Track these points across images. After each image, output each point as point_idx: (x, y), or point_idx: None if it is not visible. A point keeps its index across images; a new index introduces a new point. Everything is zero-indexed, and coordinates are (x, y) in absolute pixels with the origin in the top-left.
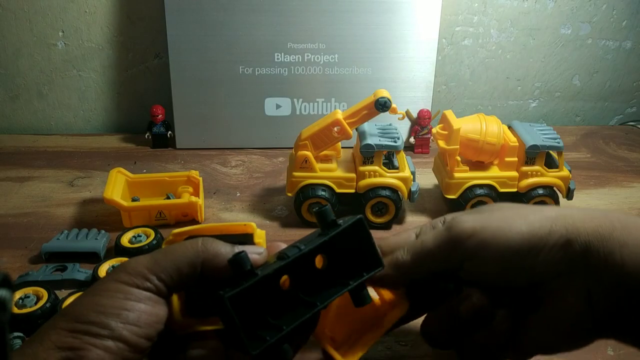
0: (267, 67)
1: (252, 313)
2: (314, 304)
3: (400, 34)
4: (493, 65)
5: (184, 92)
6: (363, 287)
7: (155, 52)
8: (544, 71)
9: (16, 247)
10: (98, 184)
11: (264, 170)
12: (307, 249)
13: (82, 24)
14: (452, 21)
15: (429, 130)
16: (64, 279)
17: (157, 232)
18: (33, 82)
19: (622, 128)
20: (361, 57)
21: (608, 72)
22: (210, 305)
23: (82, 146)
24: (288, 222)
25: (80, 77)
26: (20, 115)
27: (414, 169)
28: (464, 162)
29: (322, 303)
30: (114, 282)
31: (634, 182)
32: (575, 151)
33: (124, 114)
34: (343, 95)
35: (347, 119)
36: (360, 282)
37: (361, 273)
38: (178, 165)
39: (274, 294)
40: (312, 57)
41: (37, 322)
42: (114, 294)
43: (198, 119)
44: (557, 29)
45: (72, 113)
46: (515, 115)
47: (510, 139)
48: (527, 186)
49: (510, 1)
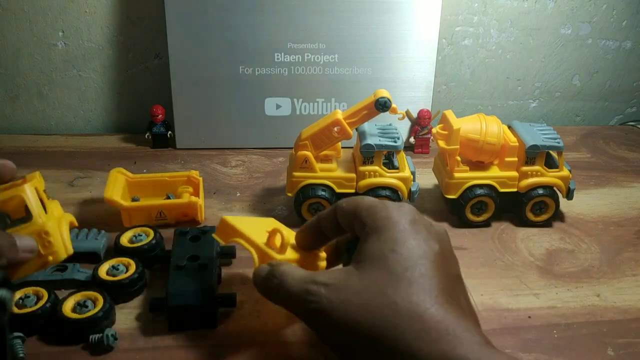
0: (267, 67)
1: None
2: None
3: (400, 34)
4: (493, 65)
5: (184, 92)
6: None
7: (155, 52)
8: (544, 71)
9: None
10: (98, 184)
11: (264, 170)
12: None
13: (82, 24)
14: (452, 21)
15: (429, 130)
16: (64, 279)
17: (156, 232)
18: (33, 82)
19: (622, 128)
20: (361, 57)
21: (608, 72)
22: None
23: (82, 146)
24: (288, 222)
25: (80, 77)
26: (20, 115)
27: (414, 169)
28: (464, 162)
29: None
30: None
31: (634, 182)
32: (575, 151)
33: (124, 114)
34: (343, 95)
35: (347, 119)
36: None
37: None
38: (178, 165)
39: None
40: (312, 57)
41: (37, 322)
42: None
43: (198, 119)
44: (557, 29)
45: (72, 113)
46: (515, 115)
47: (510, 139)
48: (527, 186)
49: (510, 1)
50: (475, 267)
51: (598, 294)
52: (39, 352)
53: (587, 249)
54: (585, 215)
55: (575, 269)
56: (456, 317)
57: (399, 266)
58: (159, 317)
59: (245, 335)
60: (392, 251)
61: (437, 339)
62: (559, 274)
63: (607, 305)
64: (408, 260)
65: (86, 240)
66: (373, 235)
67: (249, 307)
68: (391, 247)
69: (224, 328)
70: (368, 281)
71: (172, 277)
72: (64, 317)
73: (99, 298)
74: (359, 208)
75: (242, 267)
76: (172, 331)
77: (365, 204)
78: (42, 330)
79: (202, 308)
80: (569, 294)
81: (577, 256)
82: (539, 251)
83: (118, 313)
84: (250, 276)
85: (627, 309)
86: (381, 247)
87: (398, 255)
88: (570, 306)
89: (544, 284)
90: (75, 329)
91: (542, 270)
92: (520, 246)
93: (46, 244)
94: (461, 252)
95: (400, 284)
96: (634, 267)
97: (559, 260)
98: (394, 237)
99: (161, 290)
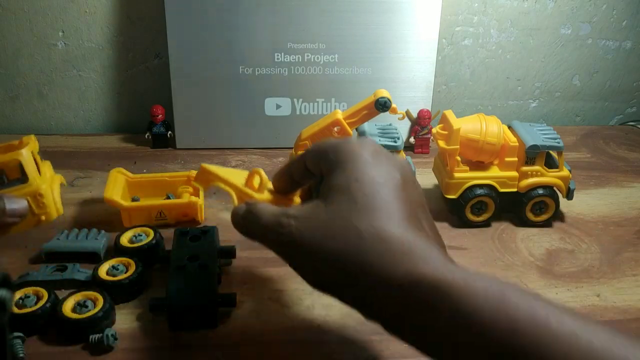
0: (267, 67)
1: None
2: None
3: (400, 34)
4: (493, 65)
5: (184, 92)
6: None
7: (155, 52)
8: (544, 71)
9: (16, 247)
10: (98, 184)
11: (264, 170)
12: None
13: (82, 24)
14: (452, 21)
15: (429, 130)
16: (64, 279)
17: (156, 232)
18: (33, 82)
19: (622, 128)
20: (361, 57)
21: (608, 72)
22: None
23: (82, 146)
24: None
25: (80, 77)
26: (20, 115)
27: (414, 169)
28: (464, 162)
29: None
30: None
31: (634, 182)
32: (575, 151)
33: (124, 114)
34: (343, 95)
35: (347, 119)
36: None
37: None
38: (178, 165)
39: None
40: (312, 57)
41: (37, 322)
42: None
43: (198, 119)
44: (557, 29)
45: (72, 113)
46: (515, 115)
47: (510, 139)
48: (527, 186)
49: (510, 1)
50: (476, 267)
51: (598, 294)
52: (39, 352)
53: (587, 249)
54: (585, 215)
55: (575, 269)
56: (419, 238)
57: (362, 194)
58: (159, 317)
59: (245, 335)
60: (355, 181)
61: (400, 259)
62: (559, 274)
63: (607, 305)
64: (370, 188)
65: (86, 240)
66: (337, 169)
67: (249, 307)
68: (354, 177)
69: (224, 328)
70: (333, 211)
71: (172, 277)
72: (64, 317)
73: (99, 298)
74: (324, 147)
75: (242, 267)
76: (172, 331)
77: (330, 143)
78: (42, 330)
79: (202, 308)
80: (569, 294)
81: (577, 256)
82: (539, 251)
83: (118, 313)
84: (250, 276)
85: (627, 309)
86: (345, 178)
87: (360, 184)
88: (571, 306)
89: (544, 284)
90: (75, 329)
91: (542, 270)
92: (520, 246)
93: (40, 204)
94: (461, 252)
95: (364, 210)
96: (634, 267)
97: (559, 260)
98: (356, 168)
99: (161, 290)
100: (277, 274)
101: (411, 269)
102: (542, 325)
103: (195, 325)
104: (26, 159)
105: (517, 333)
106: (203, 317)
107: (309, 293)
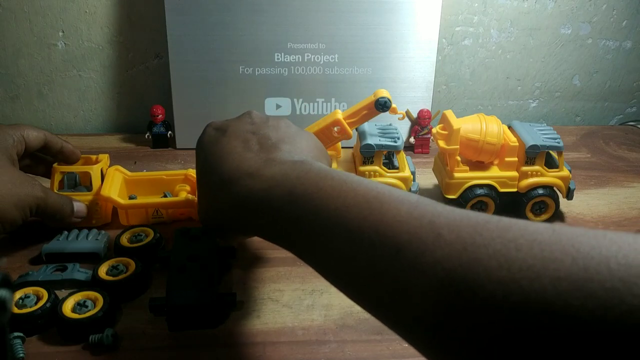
0: (267, 67)
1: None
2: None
3: (400, 34)
4: (493, 65)
5: (184, 92)
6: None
7: (155, 52)
8: (544, 71)
9: (16, 247)
10: None
11: None
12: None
13: (82, 24)
14: (452, 21)
15: (429, 130)
16: (64, 279)
17: (156, 232)
18: (33, 82)
19: (622, 128)
20: (361, 57)
21: (608, 72)
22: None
23: (82, 146)
24: None
25: (80, 77)
26: (20, 115)
27: (414, 169)
28: (464, 162)
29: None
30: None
31: (634, 182)
32: (575, 151)
33: (124, 114)
34: (343, 95)
35: (347, 119)
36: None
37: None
38: (178, 165)
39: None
40: (312, 57)
41: (37, 322)
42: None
43: (198, 119)
44: (557, 29)
45: (72, 113)
46: (515, 115)
47: (510, 139)
48: (527, 186)
49: (510, 1)
50: None
51: None
52: (39, 352)
53: None
54: (585, 215)
55: None
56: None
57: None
58: (159, 317)
59: (245, 335)
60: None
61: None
62: None
63: None
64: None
65: (86, 240)
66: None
67: (249, 307)
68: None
69: (224, 328)
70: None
71: (172, 277)
72: (64, 317)
73: (99, 298)
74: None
75: (242, 267)
76: (172, 331)
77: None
78: (42, 330)
79: (202, 308)
80: None
81: None
82: None
83: (118, 313)
84: (250, 276)
85: None
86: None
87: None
88: None
89: None
90: (75, 329)
91: None
92: None
93: (95, 211)
94: None
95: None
96: None
97: None
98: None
99: (161, 290)
100: (277, 274)
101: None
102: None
103: (195, 325)
104: (95, 174)
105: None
106: (203, 317)
107: (309, 293)
